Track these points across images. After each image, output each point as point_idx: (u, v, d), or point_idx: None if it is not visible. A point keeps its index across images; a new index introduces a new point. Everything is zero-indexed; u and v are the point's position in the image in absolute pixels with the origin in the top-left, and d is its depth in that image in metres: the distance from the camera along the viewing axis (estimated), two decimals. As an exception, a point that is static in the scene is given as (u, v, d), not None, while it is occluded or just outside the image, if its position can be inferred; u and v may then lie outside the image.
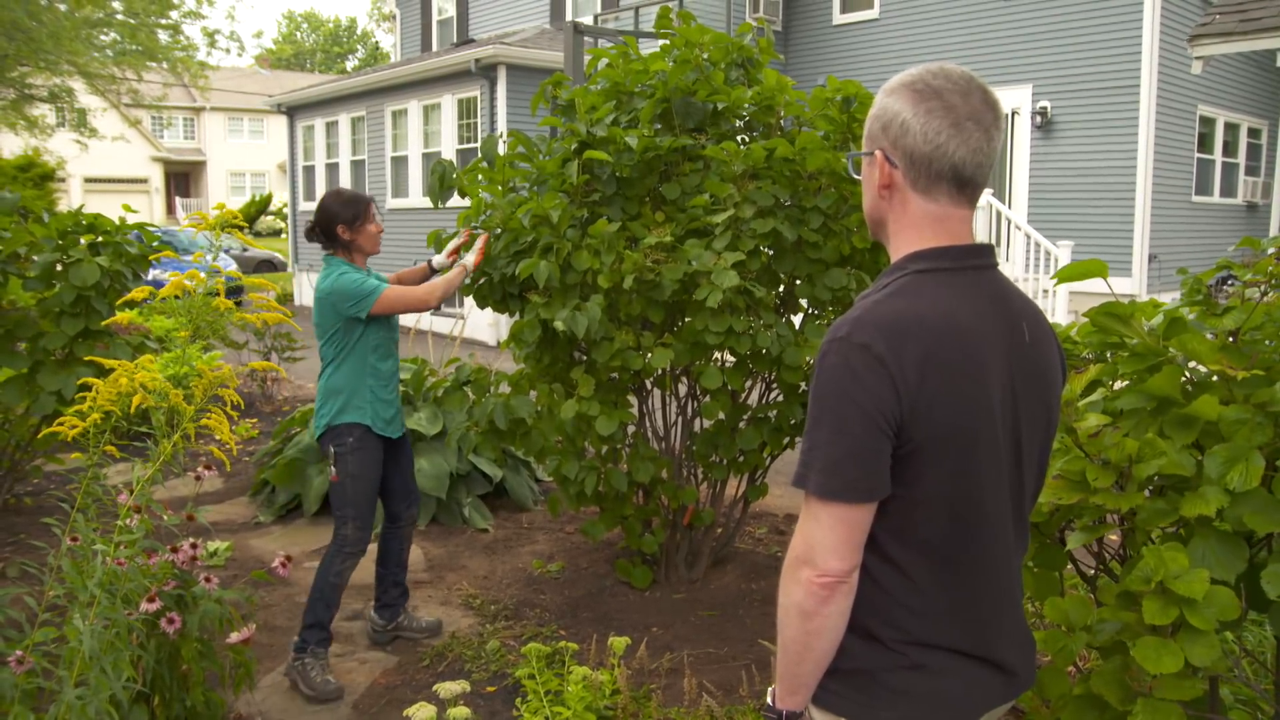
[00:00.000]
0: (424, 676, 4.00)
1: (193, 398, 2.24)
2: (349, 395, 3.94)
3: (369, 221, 4.00)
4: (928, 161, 1.54)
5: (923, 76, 1.55)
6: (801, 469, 1.50)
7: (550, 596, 4.82)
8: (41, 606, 2.40)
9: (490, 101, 14.37)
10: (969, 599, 1.55)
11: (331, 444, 3.93)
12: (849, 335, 1.47)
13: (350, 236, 3.98)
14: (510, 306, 4.68)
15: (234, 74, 42.07)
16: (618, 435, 4.43)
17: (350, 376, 3.95)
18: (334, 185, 18.20)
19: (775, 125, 4.56)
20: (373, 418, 3.97)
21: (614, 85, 4.63)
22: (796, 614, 1.51)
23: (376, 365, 3.99)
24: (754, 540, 5.64)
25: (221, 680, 3.38)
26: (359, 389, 3.95)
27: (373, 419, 3.97)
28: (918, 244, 1.57)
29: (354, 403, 3.94)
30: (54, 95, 21.36)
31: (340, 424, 3.93)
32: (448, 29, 19.73)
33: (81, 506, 2.20)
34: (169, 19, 21.93)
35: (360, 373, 3.96)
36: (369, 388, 3.96)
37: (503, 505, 6.29)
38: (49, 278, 4.14)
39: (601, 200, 4.46)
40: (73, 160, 23.09)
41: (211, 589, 3.26)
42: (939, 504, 1.51)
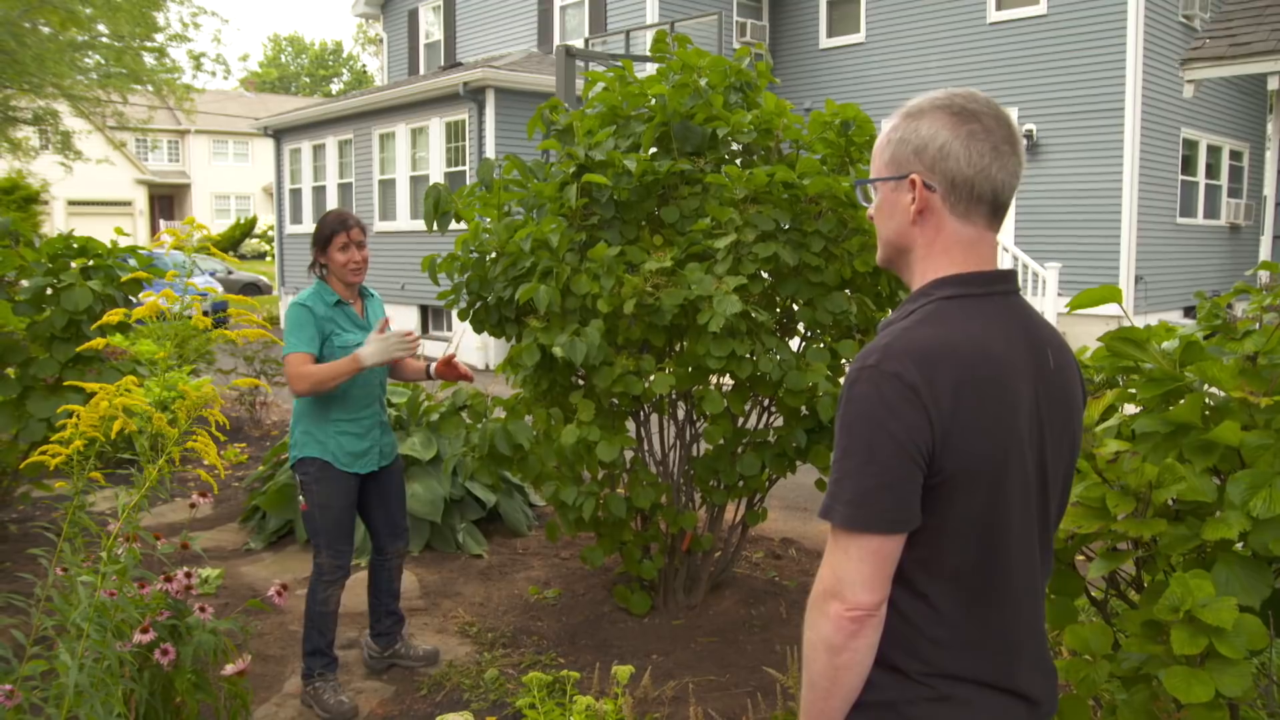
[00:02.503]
0: (422, 706, 3.93)
1: (177, 420, 2.19)
2: (310, 425, 3.86)
3: (334, 248, 3.85)
4: (970, 185, 1.51)
5: (955, 99, 1.53)
6: (829, 500, 1.47)
7: (548, 623, 4.76)
8: (30, 639, 2.33)
9: (479, 124, 14.38)
10: (995, 629, 1.52)
11: (298, 473, 3.88)
12: (879, 363, 1.44)
13: (321, 259, 3.91)
14: (507, 331, 4.65)
15: (219, 97, 42.01)
16: (618, 461, 4.39)
17: (311, 405, 3.85)
18: (321, 208, 18.18)
19: (774, 149, 4.56)
20: (335, 452, 3.85)
21: (611, 109, 4.62)
22: (824, 649, 1.47)
23: (343, 395, 3.86)
24: (752, 565, 5.60)
25: (216, 713, 3.30)
26: (320, 421, 3.85)
27: (335, 454, 3.85)
28: (946, 269, 1.54)
29: (316, 435, 3.85)
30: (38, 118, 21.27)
31: (302, 456, 3.86)
32: (435, 52, 19.77)
33: (68, 536, 2.14)
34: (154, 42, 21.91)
35: (322, 403, 3.84)
36: (332, 420, 3.85)
37: (497, 530, 6.23)
38: (40, 302, 4.08)
39: (600, 224, 4.44)
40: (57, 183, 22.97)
41: (206, 619, 3.19)
42: (968, 534, 1.48)
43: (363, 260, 3.91)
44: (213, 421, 2.26)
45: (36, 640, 2.38)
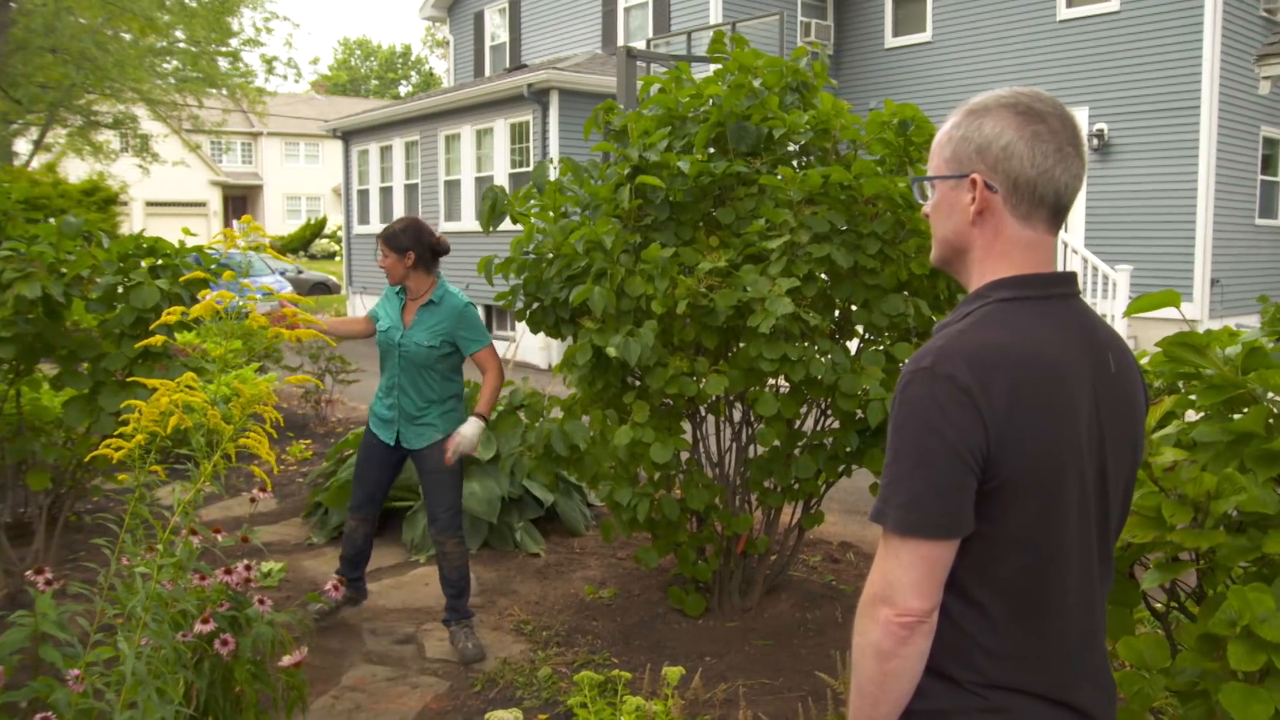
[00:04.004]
0: (475, 702, 3.97)
1: (231, 417, 2.23)
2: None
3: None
4: (1033, 187, 1.48)
5: (1021, 98, 1.50)
6: (880, 503, 1.45)
7: (602, 623, 4.78)
8: (94, 627, 2.41)
9: (542, 126, 14.48)
10: (1051, 640, 1.49)
11: None
12: (933, 366, 1.42)
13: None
14: (563, 332, 4.67)
15: (291, 100, 42.86)
16: (672, 462, 4.39)
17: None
18: (388, 209, 18.44)
19: (831, 149, 4.52)
20: (372, 408, 4.59)
21: (667, 110, 4.62)
22: (873, 654, 1.45)
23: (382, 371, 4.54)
24: (808, 569, 5.56)
25: (274, 703, 3.37)
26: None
27: (372, 410, 4.59)
28: (1004, 272, 1.51)
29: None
30: (118, 121, 21.90)
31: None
32: (500, 54, 19.94)
33: (129, 527, 2.20)
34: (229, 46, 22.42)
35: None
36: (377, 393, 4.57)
37: (555, 529, 6.26)
38: (111, 300, 4.19)
39: (654, 225, 4.44)
40: (135, 185, 23.65)
41: (265, 611, 3.26)
42: (1023, 541, 1.45)
43: (383, 267, 4.39)
44: (268, 418, 2.30)
45: (100, 628, 2.45)
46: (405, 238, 4.30)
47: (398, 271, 4.32)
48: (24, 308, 3.96)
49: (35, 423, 4.94)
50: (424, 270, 4.37)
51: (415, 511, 6.01)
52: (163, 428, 2.21)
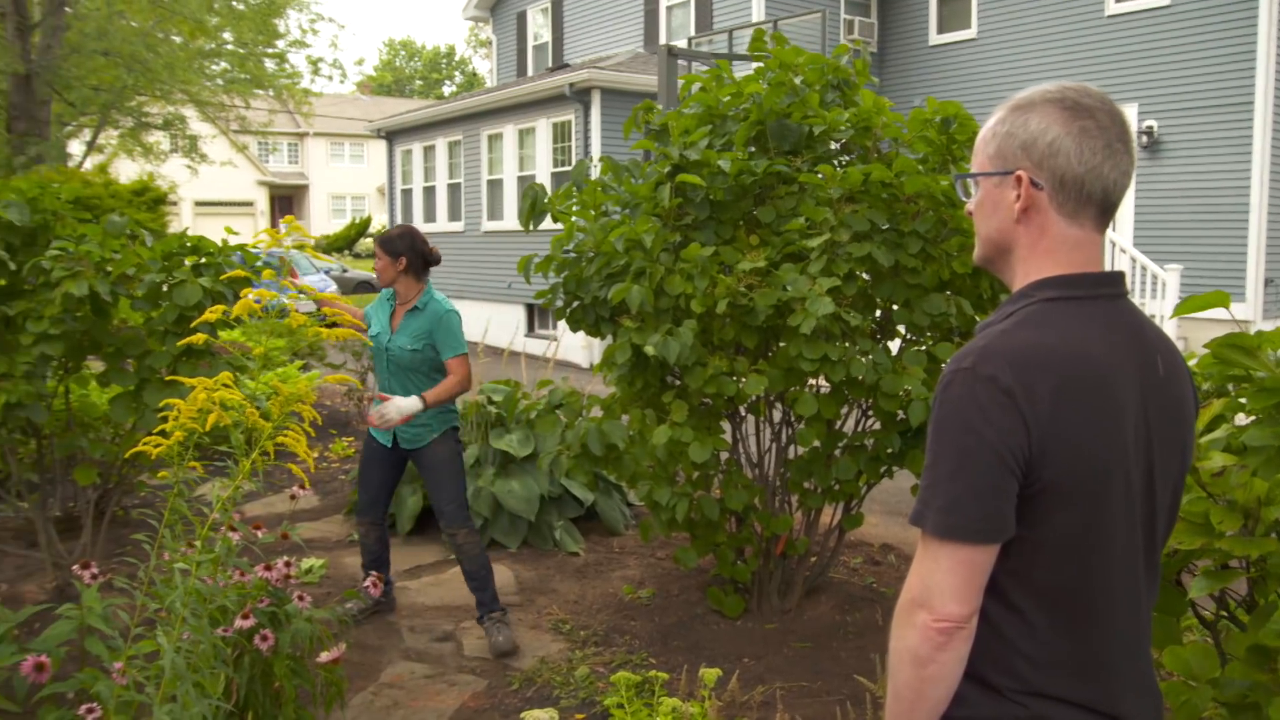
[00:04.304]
0: (513, 701, 3.98)
1: (270, 415, 2.25)
2: None
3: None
4: (1080, 184, 1.45)
5: (1068, 93, 1.47)
6: (920, 506, 1.42)
7: (641, 623, 4.76)
8: (134, 620, 2.44)
9: (584, 125, 14.49)
10: (1095, 649, 1.45)
11: None
12: (975, 366, 1.39)
13: None
14: (602, 330, 4.67)
15: (336, 100, 43.31)
16: (711, 462, 4.37)
17: None
18: (431, 208, 18.56)
19: (873, 147, 4.48)
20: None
21: (707, 109, 4.60)
22: (910, 660, 1.42)
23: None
24: (849, 570, 5.51)
25: (313, 698, 3.40)
26: None
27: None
28: (1049, 271, 1.48)
29: None
30: (168, 123, 22.21)
31: None
32: (543, 54, 19.99)
33: (169, 523, 2.23)
34: (275, 48, 22.66)
35: None
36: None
37: (594, 529, 6.26)
38: (155, 298, 4.25)
39: (694, 224, 4.42)
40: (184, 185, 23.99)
41: (304, 607, 3.29)
42: (1066, 547, 1.42)
43: (376, 270, 4.52)
44: (306, 417, 2.32)
45: (140, 622, 2.48)
46: (400, 243, 4.45)
47: (389, 274, 4.47)
48: (72, 306, 4.03)
49: (83, 419, 5.02)
50: (414, 276, 4.49)
51: (455, 509, 6.03)
52: (201, 425, 2.23)
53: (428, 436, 4.49)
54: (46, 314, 3.95)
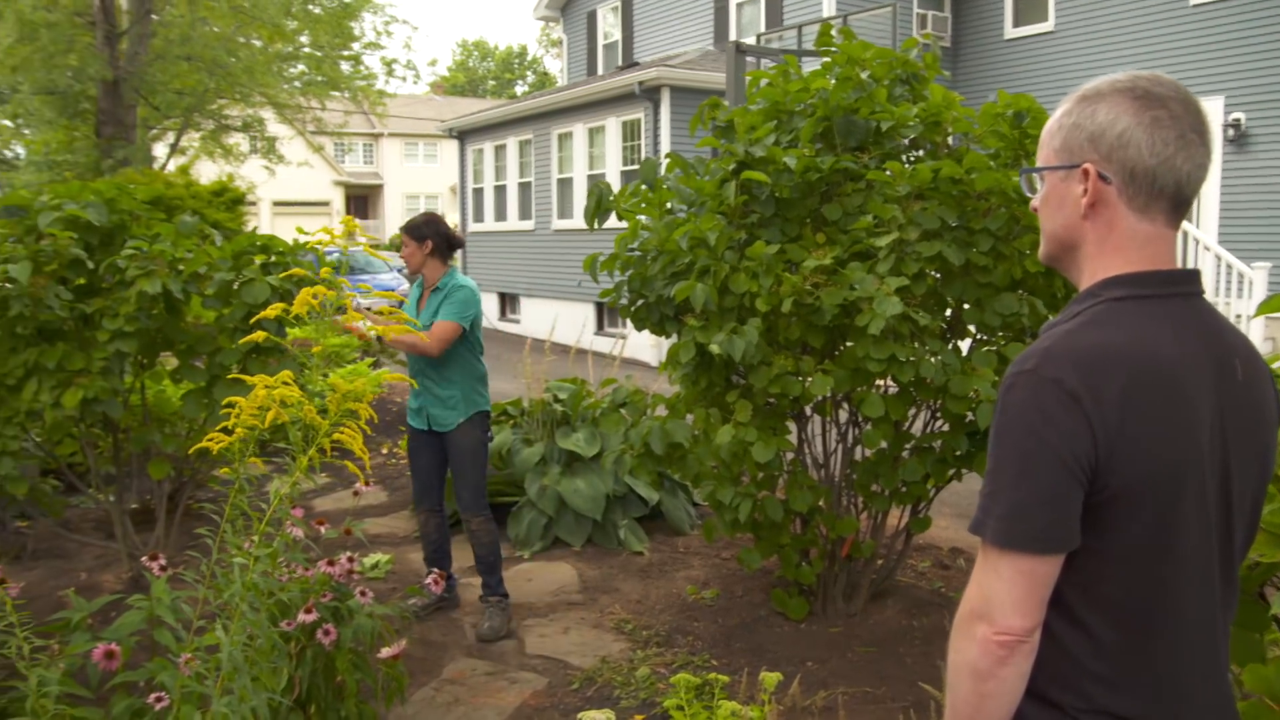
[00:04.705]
0: (573, 700, 3.97)
1: (327, 412, 2.26)
2: None
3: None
4: (1151, 177, 1.38)
5: (1139, 82, 1.40)
6: (980, 514, 1.37)
7: (703, 624, 4.73)
8: (196, 614, 2.47)
9: (654, 123, 14.48)
10: (1166, 667, 1.38)
11: None
12: (1038, 368, 1.33)
13: None
14: (667, 329, 4.64)
15: (410, 101, 43.91)
16: (775, 463, 4.32)
17: None
18: (502, 207, 18.71)
19: (942, 143, 4.38)
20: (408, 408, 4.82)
21: (774, 105, 4.54)
22: (969, 674, 1.37)
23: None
24: (916, 574, 5.41)
25: (375, 693, 3.43)
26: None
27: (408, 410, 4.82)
28: (1118, 268, 1.41)
29: None
30: (247, 125, 22.73)
31: None
32: (613, 53, 20.03)
33: (230, 518, 2.26)
34: (351, 50, 23.04)
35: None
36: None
37: (659, 528, 6.24)
38: (225, 296, 4.32)
39: (760, 222, 4.37)
40: (262, 185, 24.53)
41: (366, 602, 3.32)
42: (1135, 559, 1.35)
43: (403, 257, 4.71)
44: (363, 415, 2.33)
45: (203, 615, 2.52)
46: (426, 228, 4.67)
47: (417, 259, 4.67)
48: (146, 304, 4.12)
49: (159, 414, 5.14)
50: (439, 259, 4.70)
51: (520, 507, 6.06)
52: (260, 422, 2.25)
53: (454, 419, 4.62)
54: (122, 311, 4.04)
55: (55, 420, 4.29)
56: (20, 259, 3.93)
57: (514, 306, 18.59)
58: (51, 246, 4.06)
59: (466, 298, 4.58)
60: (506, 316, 18.79)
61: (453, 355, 4.59)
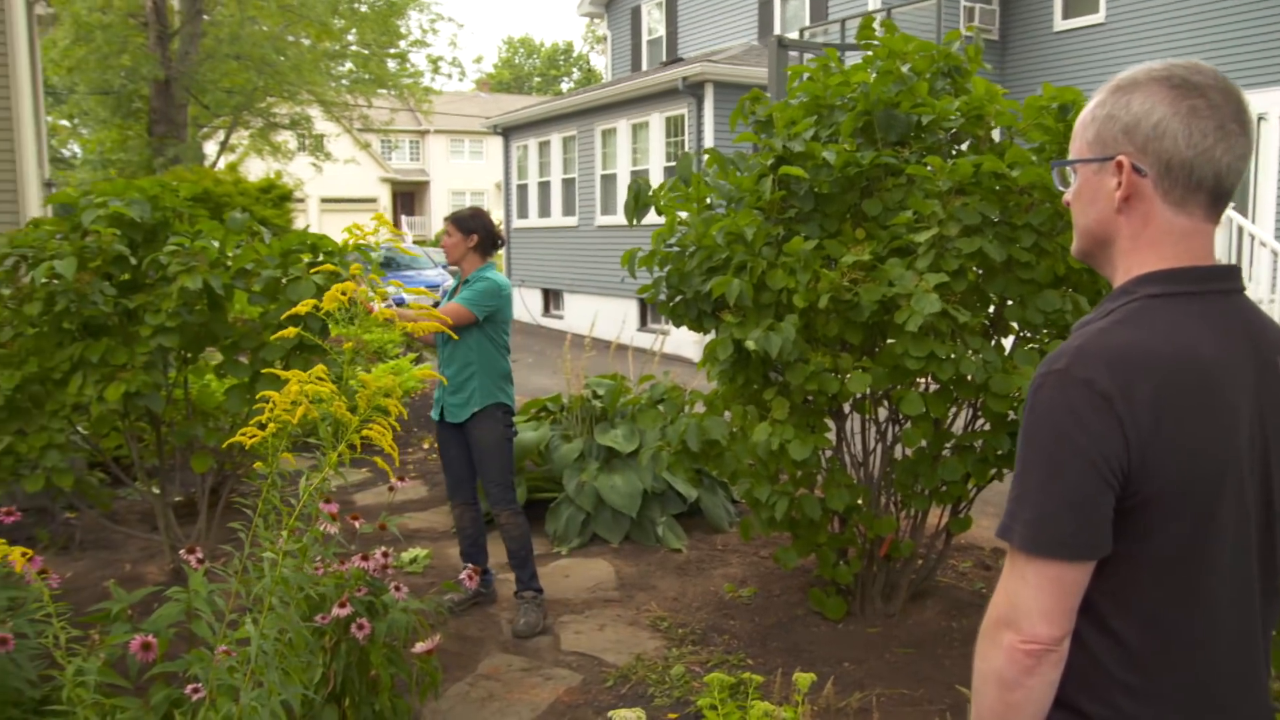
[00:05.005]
0: (606, 697, 3.96)
1: (357, 408, 2.27)
2: None
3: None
4: (1189, 169, 1.33)
5: (1176, 71, 1.35)
6: (1007, 519, 1.33)
7: (740, 623, 4.70)
8: (229, 607, 2.50)
9: (697, 119, 14.43)
10: (1201, 678, 1.33)
11: None
12: (1068, 368, 1.29)
13: None
14: (705, 325, 4.62)
15: (456, 98, 44.19)
16: (812, 460, 4.27)
17: None
18: (546, 203, 18.76)
19: (985, 137, 4.31)
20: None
21: (814, 99, 4.50)
22: (995, 683, 1.33)
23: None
24: (957, 574, 5.34)
25: (409, 687, 3.44)
26: None
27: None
28: (1153, 265, 1.36)
29: None
30: (294, 122, 23.03)
31: None
32: (657, 48, 19.99)
33: (262, 512, 2.27)
34: (397, 48, 23.25)
35: None
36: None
37: (697, 525, 6.21)
38: (273, 293, 4.36)
39: (798, 217, 4.33)
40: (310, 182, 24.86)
41: (401, 597, 3.33)
42: (1169, 566, 1.30)
43: (445, 246, 4.74)
44: (392, 411, 2.34)
45: (234, 609, 2.54)
46: (473, 222, 4.73)
47: (459, 250, 4.70)
48: (189, 299, 4.17)
49: (202, 408, 5.20)
50: (479, 254, 4.73)
51: (558, 503, 6.06)
52: (292, 417, 2.26)
53: (469, 410, 4.63)
54: (164, 307, 4.09)
55: (100, 414, 4.37)
56: (66, 255, 3.99)
57: (558, 302, 18.63)
58: (96, 243, 4.12)
59: (486, 288, 4.58)
60: (550, 312, 18.85)
61: (473, 348, 4.59)
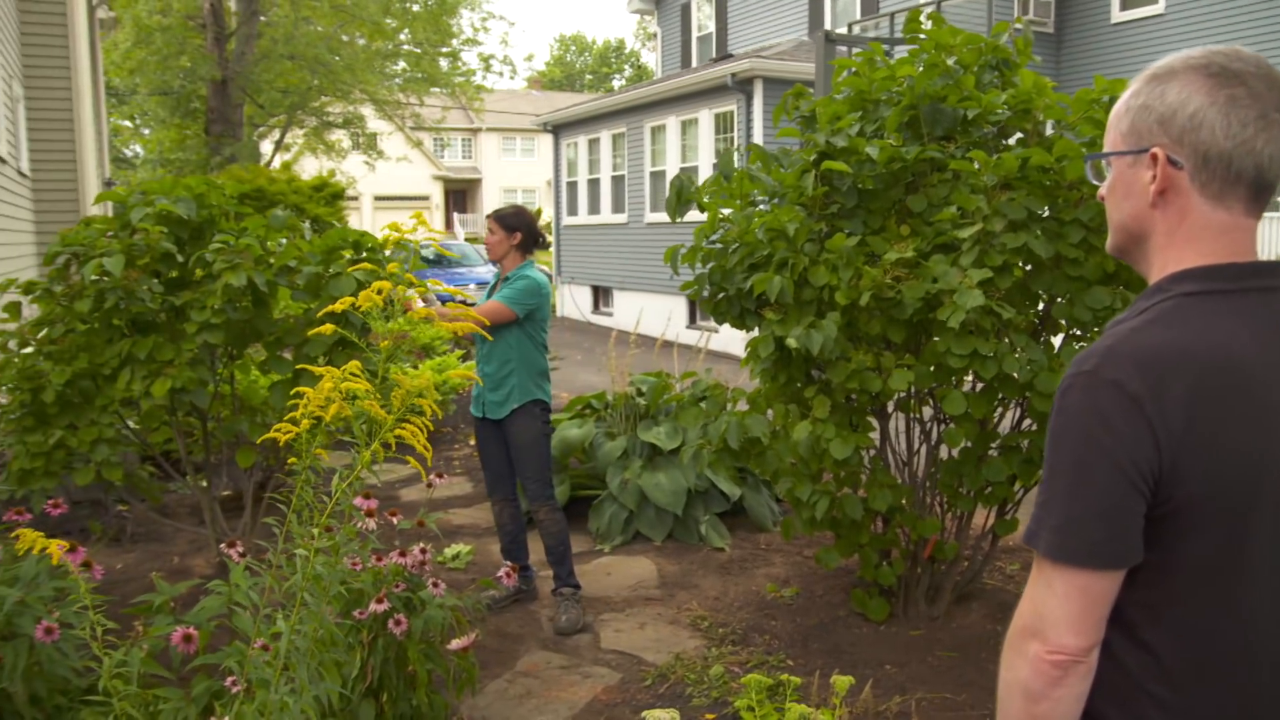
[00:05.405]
0: (644, 696, 3.95)
1: (391, 407, 2.28)
2: None
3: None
4: (1227, 161, 1.27)
5: (1214, 58, 1.29)
6: (1034, 524, 1.29)
7: (781, 623, 4.66)
8: (264, 602, 2.52)
9: (746, 115, 14.35)
10: (1239, 694, 1.28)
11: None
12: (1097, 369, 1.25)
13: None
14: (748, 322, 4.58)
15: (508, 96, 44.45)
16: (853, 460, 4.22)
17: None
18: (595, 200, 18.78)
19: (1034, 131, 4.22)
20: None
21: (858, 94, 4.43)
22: (1020, 694, 1.29)
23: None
24: (1004, 577, 5.24)
25: (446, 683, 3.45)
26: None
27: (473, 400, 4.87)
28: (1190, 261, 1.30)
29: None
30: (347, 121, 23.31)
31: None
32: (707, 45, 19.93)
33: (296, 508, 2.28)
34: (449, 46, 23.43)
35: None
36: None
37: (741, 524, 6.17)
38: (315, 289, 4.39)
39: (841, 213, 4.28)
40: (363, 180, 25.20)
41: (439, 594, 3.34)
42: (1204, 577, 1.25)
43: (488, 244, 4.76)
44: (426, 410, 2.34)
45: (269, 604, 2.56)
46: (517, 220, 4.74)
47: (502, 248, 4.71)
48: (233, 296, 4.22)
49: (249, 404, 5.27)
50: (521, 252, 4.75)
51: (602, 501, 6.06)
52: (325, 414, 2.27)
53: (509, 406, 4.64)
54: (209, 304, 4.14)
55: (148, 409, 4.44)
56: (114, 253, 4.06)
57: (607, 299, 18.66)
58: (144, 241, 4.18)
59: (526, 286, 4.61)
60: (600, 310, 18.88)
61: (513, 346, 4.62)
